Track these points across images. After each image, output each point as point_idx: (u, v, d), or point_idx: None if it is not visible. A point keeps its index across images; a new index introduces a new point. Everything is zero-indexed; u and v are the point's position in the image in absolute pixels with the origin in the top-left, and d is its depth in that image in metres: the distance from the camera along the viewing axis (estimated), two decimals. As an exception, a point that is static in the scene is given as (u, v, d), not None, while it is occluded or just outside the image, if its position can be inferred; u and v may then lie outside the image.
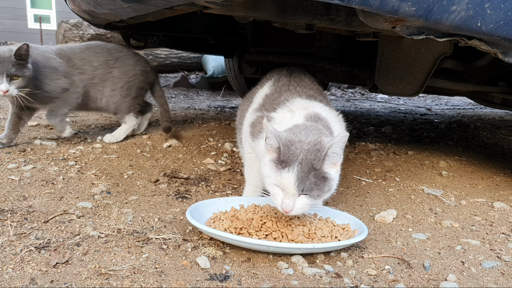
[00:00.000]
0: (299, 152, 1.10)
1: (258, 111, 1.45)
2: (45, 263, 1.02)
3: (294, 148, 1.10)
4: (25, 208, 1.33)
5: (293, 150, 1.10)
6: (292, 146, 1.11)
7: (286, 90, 1.47)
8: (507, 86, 2.15)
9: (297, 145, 1.11)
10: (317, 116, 1.28)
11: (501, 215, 1.53)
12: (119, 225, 1.25)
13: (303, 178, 1.08)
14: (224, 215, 1.26)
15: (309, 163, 1.09)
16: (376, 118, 3.60)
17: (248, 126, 1.45)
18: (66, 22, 5.29)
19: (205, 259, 1.07)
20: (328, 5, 1.34)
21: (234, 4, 1.22)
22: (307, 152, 1.10)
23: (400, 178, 1.90)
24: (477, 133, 3.03)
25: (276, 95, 1.47)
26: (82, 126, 2.55)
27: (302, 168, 1.08)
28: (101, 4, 1.68)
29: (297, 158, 1.09)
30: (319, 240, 1.16)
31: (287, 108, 1.34)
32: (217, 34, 2.77)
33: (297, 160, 1.09)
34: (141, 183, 1.66)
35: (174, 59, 5.76)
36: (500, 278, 1.08)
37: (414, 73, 1.85)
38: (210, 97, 4.72)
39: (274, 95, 1.48)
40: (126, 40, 2.63)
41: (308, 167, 1.09)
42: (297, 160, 1.09)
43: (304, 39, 2.11)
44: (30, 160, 1.82)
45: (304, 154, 1.09)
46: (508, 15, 1.20)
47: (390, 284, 1.03)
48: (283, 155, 1.10)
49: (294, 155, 1.10)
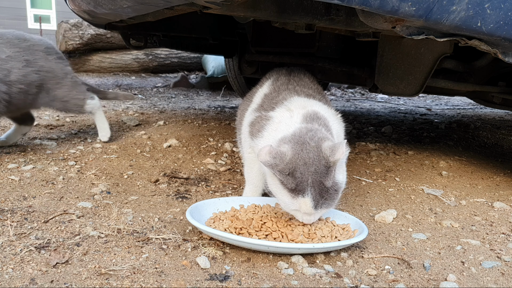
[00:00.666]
0: (307, 176, 1.11)
1: (257, 110, 1.44)
2: (45, 263, 1.02)
3: (300, 174, 1.11)
4: (25, 208, 1.33)
5: (299, 176, 1.11)
6: (298, 172, 1.11)
7: (285, 89, 1.46)
8: (507, 86, 2.15)
9: (303, 169, 1.11)
10: (316, 115, 1.27)
11: (501, 215, 1.53)
12: (119, 225, 1.25)
13: (318, 199, 1.12)
14: (224, 215, 1.26)
15: (320, 184, 1.11)
16: (376, 118, 3.60)
17: (247, 125, 1.45)
18: (66, 22, 5.29)
19: (205, 259, 1.07)
20: (328, 5, 1.34)
21: (234, 4, 1.22)
22: (315, 175, 1.11)
23: (400, 178, 1.90)
24: (477, 133, 3.03)
25: (275, 94, 1.46)
26: (82, 126, 2.55)
27: (315, 191, 1.11)
28: (101, 4, 1.68)
29: (307, 183, 1.11)
30: (319, 240, 1.16)
31: (285, 107, 1.34)
32: (217, 34, 2.78)
33: (308, 185, 1.11)
34: (141, 183, 1.66)
35: (174, 59, 5.77)
36: (500, 278, 1.08)
37: (414, 73, 1.84)
38: (210, 97, 4.72)
39: (273, 94, 1.47)
40: (126, 40, 2.63)
41: (320, 188, 1.11)
42: (308, 185, 1.11)
43: (304, 39, 2.11)
44: (30, 160, 1.82)
45: (313, 177, 1.11)
46: (508, 15, 1.20)
47: (390, 284, 1.03)
48: (290, 183, 1.12)
49: (302, 180, 1.11)
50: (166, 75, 5.63)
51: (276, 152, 1.13)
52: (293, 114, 1.29)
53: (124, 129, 2.52)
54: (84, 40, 5.26)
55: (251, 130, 1.39)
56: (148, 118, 2.90)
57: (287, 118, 1.28)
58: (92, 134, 2.35)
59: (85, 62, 5.43)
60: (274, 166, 1.11)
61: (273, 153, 1.12)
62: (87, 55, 5.44)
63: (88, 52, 5.44)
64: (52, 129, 2.43)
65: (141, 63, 5.63)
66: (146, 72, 5.69)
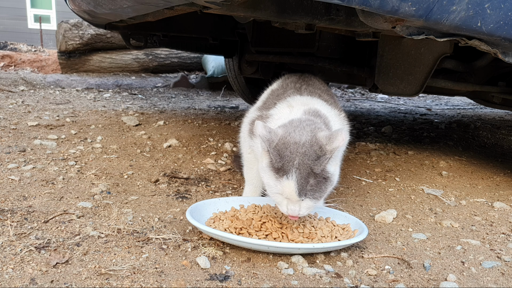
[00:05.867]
0: (294, 156, 1.06)
1: (259, 109, 1.45)
2: (45, 263, 1.02)
3: (288, 152, 1.07)
4: (25, 208, 1.33)
5: (287, 155, 1.06)
6: (287, 150, 1.07)
7: (293, 87, 1.47)
8: (507, 86, 2.15)
9: (292, 148, 1.07)
10: (316, 113, 1.27)
11: (501, 215, 1.53)
12: (119, 225, 1.25)
13: (304, 184, 1.05)
14: (224, 215, 1.26)
15: (307, 168, 1.05)
16: (376, 118, 3.60)
17: (247, 124, 1.44)
18: (66, 22, 5.29)
19: (205, 259, 1.07)
20: (328, 5, 1.34)
21: (234, 4, 1.22)
22: (303, 156, 1.06)
23: (400, 178, 1.90)
24: (477, 133, 3.03)
25: (282, 90, 1.48)
26: (82, 126, 2.55)
27: (301, 174, 1.05)
28: (101, 4, 1.68)
29: (293, 164, 1.05)
30: (319, 240, 1.16)
31: (287, 103, 1.35)
32: (217, 34, 2.77)
33: (293, 166, 1.05)
34: (141, 183, 1.66)
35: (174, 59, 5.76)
36: (500, 278, 1.08)
37: (414, 73, 1.84)
38: (210, 97, 4.72)
39: (280, 90, 1.49)
40: (126, 40, 2.63)
41: (306, 172, 1.05)
42: (294, 166, 1.05)
43: (304, 39, 2.11)
44: (30, 160, 1.82)
45: (301, 158, 1.06)
46: (508, 15, 1.20)
47: (390, 284, 1.03)
48: (277, 161, 1.07)
49: (289, 160, 1.06)
50: (166, 75, 5.63)
51: (271, 129, 1.12)
52: (293, 110, 1.29)
53: (124, 129, 2.52)
54: (84, 40, 5.26)
55: (251, 128, 1.40)
56: (148, 118, 2.90)
57: (286, 114, 1.29)
58: (92, 134, 2.35)
59: (85, 62, 5.43)
60: (270, 141, 1.08)
61: (267, 128, 1.11)
62: (87, 55, 5.44)
63: (88, 52, 5.44)
64: (52, 129, 2.43)
65: (141, 63, 5.63)
66: (146, 72, 5.69)
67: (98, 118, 2.84)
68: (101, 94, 4.30)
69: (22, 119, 2.65)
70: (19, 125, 2.46)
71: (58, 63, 5.54)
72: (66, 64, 5.42)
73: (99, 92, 4.50)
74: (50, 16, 10.22)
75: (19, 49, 7.23)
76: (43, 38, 9.00)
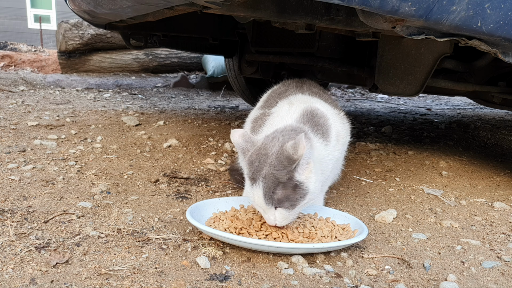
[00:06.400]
0: (262, 166, 1.08)
1: (261, 108, 1.48)
2: (45, 263, 1.02)
3: (257, 162, 1.09)
4: (25, 208, 1.33)
5: (256, 165, 1.09)
6: (257, 161, 1.10)
7: (294, 86, 1.52)
8: (507, 86, 2.15)
9: (262, 158, 1.09)
10: (315, 111, 1.28)
11: (501, 215, 1.53)
12: (119, 225, 1.25)
13: (270, 193, 1.07)
14: (224, 215, 1.26)
15: (272, 177, 1.07)
16: (376, 118, 3.60)
17: (249, 122, 1.47)
18: (66, 22, 5.29)
19: (205, 259, 1.07)
20: (328, 5, 1.34)
21: (234, 4, 1.22)
22: (269, 166, 1.07)
23: (400, 178, 1.90)
24: (477, 133, 3.03)
25: (283, 89, 1.53)
26: (82, 126, 2.55)
27: (267, 183, 1.07)
28: (101, 4, 1.68)
29: (260, 173, 1.08)
30: (319, 240, 1.16)
31: (287, 101, 1.37)
32: (217, 34, 2.77)
33: (261, 175, 1.08)
34: (141, 183, 1.66)
35: (174, 59, 5.76)
36: (500, 278, 1.08)
37: (414, 73, 1.84)
38: (210, 97, 4.72)
39: (281, 89, 1.54)
40: (126, 40, 2.63)
41: (272, 181, 1.07)
42: (261, 175, 1.08)
43: (304, 39, 2.11)
44: (30, 160, 1.82)
45: (267, 169, 1.07)
46: (508, 15, 1.20)
47: (390, 284, 1.03)
48: (250, 170, 1.10)
49: (258, 170, 1.09)
50: (166, 75, 5.63)
51: (250, 137, 1.14)
52: (291, 108, 1.31)
53: (124, 129, 2.52)
54: (84, 40, 5.26)
55: (253, 126, 1.41)
56: (148, 118, 2.90)
57: (285, 112, 1.30)
58: (92, 134, 2.35)
59: (85, 62, 5.43)
60: (244, 150, 1.12)
61: (246, 137, 1.14)
62: (87, 55, 5.44)
63: (88, 52, 5.44)
64: (52, 129, 2.43)
65: (141, 63, 5.63)
66: (146, 72, 5.69)
67: (98, 118, 2.84)
68: (101, 94, 4.30)
69: (22, 119, 2.65)
70: (19, 125, 2.46)
71: (58, 63, 5.54)
72: (66, 64, 5.42)
73: (99, 92, 4.50)
74: (50, 16, 10.22)
75: (19, 49, 7.23)
76: (43, 38, 9.00)
